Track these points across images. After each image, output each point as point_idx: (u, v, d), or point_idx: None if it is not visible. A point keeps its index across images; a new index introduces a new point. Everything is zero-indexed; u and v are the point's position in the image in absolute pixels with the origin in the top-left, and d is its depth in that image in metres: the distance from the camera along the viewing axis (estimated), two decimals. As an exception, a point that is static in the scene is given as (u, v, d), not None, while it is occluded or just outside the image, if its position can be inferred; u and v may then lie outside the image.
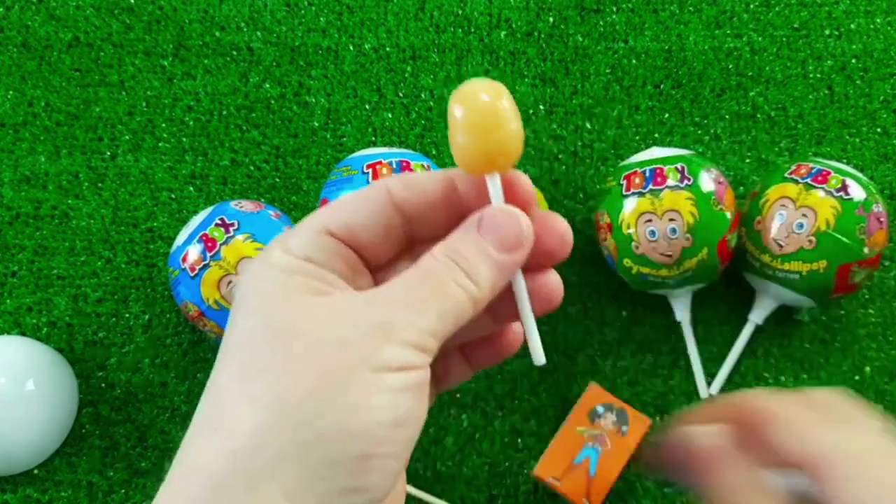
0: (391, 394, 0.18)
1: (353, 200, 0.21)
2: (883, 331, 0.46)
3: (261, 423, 0.17)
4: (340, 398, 0.17)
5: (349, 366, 0.18)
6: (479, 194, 0.22)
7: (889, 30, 0.53)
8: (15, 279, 0.47)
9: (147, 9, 0.53)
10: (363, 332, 0.18)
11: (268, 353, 0.18)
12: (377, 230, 0.21)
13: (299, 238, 0.20)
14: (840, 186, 0.40)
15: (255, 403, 0.17)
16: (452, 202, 0.22)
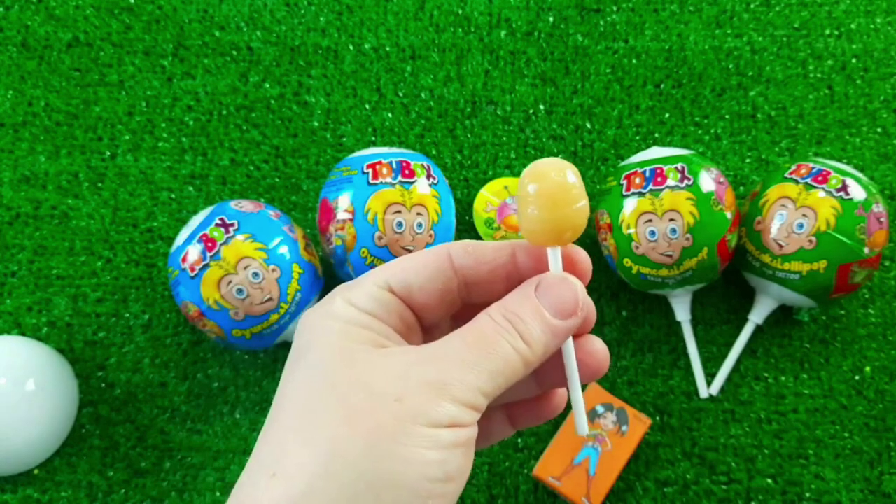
0: (441, 450, 0.18)
1: (415, 261, 0.22)
2: (883, 331, 0.46)
3: (317, 471, 0.18)
4: (393, 451, 0.18)
5: (403, 420, 0.18)
6: (537, 265, 0.22)
7: (889, 29, 0.53)
8: (15, 279, 0.47)
9: (147, 8, 0.53)
10: (418, 388, 0.19)
11: (327, 402, 0.19)
12: (434, 293, 0.22)
13: (362, 292, 0.21)
14: (840, 186, 0.40)
15: (312, 452, 0.18)
16: (511, 272, 0.23)
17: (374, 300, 0.21)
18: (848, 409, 0.45)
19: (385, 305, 0.21)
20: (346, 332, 0.20)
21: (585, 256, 0.23)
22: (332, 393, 0.19)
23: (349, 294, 0.21)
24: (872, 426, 0.44)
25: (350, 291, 0.21)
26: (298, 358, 0.20)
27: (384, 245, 0.40)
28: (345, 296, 0.21)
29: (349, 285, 0.22)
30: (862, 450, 0.44)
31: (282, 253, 0.39)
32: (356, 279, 0.22)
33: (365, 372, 0.19)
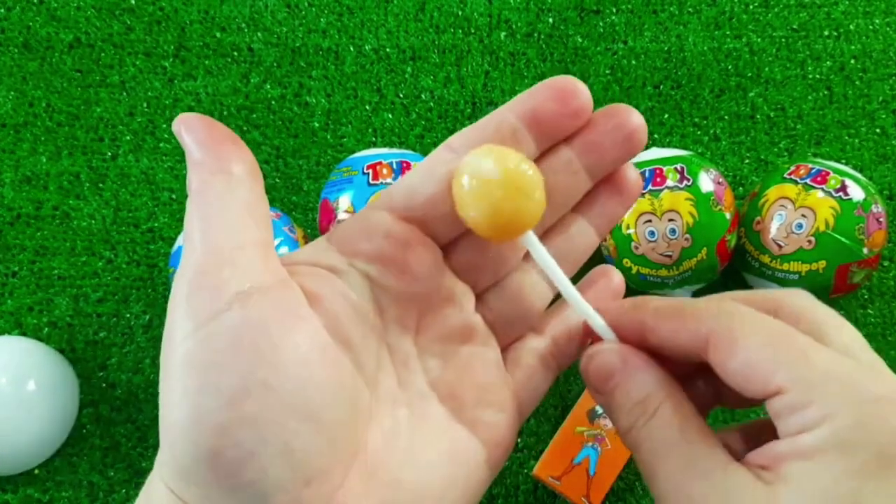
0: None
1: (411, 173, 0.20)
2: (882, 331, 0.46)
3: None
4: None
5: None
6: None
7: (888, 30, 0.53)
8: (16, 279, 0.47)
9: (148, 10, 0.53)
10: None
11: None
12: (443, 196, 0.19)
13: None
14: (839, 187, 0.41)
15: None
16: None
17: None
18: (847, 409, 0.45)
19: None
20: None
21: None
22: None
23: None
24: (871, 426, 0.45)
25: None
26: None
27: (384, 245, 0.40)
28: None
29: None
30: (861, 450, 0.44)
31: (282, 253, 0.40)
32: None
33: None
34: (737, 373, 0.18)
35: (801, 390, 0.17)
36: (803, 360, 0.17)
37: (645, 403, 0.19)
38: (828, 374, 0.17)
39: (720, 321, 0.18)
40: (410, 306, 0.20)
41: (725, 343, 0.18)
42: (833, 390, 0.17)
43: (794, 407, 0.17)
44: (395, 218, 0.20)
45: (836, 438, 0.16)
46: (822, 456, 0.17)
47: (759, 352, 0.17)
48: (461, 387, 0.21)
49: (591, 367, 0.21)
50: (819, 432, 0.17)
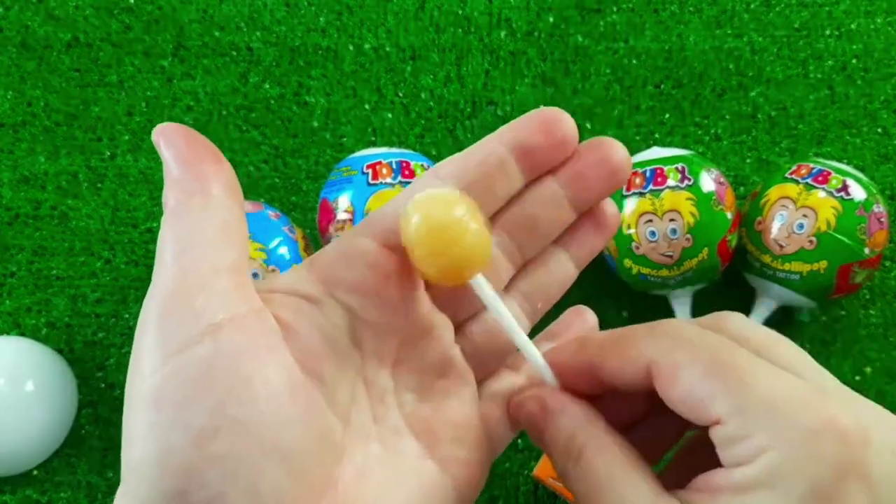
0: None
1: (402, 198, 0.20)
2: (884, 331, 0.46)
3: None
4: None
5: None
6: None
7: (889, 30, 0.53)
8: (14, 280, 0.47)
9: (146, 9, 0.52)
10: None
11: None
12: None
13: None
14: (841, 187, 0.40)
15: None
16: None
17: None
18: (848, 409, 0.45)
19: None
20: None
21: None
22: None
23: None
24: (873, 427, 0.44)
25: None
26: None
27: (384, 245, 0.40)
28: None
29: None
30: (862, 450, 0.44)
31: (281, 253, 0.39)
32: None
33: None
34: (679, 402, 0.18)
35: (738, 422, 0.17)
36: (742, 389, 0.17)
37: (568, 447, 0.19)
38: (766, 404, 0.17)
39: (661, 349, 0.18)
40: (389, 338, 0.20)
41: (666, 373, 0.18)
42: (770, 421, 0.16)
43: (733, 438, 0.17)
44: (378, 245, 0.19)
45: (770, 473, 0.16)
46: (756, 492, 0.16)
47: (699, 382, 0.17)
48: (436, 423, 0.20)
49: (521, 416, 0.21)
50: (754, 466, 0.16)
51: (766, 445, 0.16)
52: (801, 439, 0.16)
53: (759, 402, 0.17)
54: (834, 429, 0.17)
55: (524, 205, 0.21)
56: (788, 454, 0.16)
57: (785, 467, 0.16)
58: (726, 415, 0.17)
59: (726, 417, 0.17)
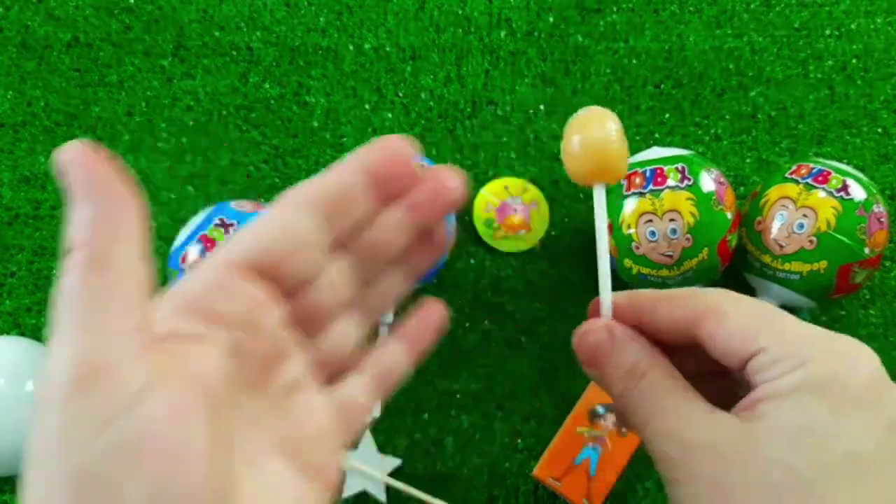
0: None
1: (260, 223, 0.21)
2: (884, 331, 0.46)
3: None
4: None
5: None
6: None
7: (889, 30, 0.53)
8: (14, 279, 0.47)
9: (146, 8, 0.52)
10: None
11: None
12: (292, 243, 0.21)
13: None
14: (841, 186, 0.40)
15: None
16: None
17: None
18: (848, 409, 0.45)
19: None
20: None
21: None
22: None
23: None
24: (873, 427, 0.44)
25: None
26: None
27: (384, 245, 0.40)
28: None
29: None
30: (862, 450, 0.44)
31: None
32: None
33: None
34: (724, 339, 0.21)
35: (780, 346, 0.20)
36: (782, 324, 0.21)
37: (634, 369, 0.23)
38: (804, 335, 0.21)
39: (708, 299, 0.22)
40: (258, 365, 0.20)
41: (714, 315, 0.22)
42: (808, 345, 0.20)
43: (774, 360, 0.20)
44: (246, 274, 0.20)
45: (811, 381, 0.20)
46: (797, 395, 0.20)
47: (745, 319, 0.21)
48: (298, 437, 0.21)
49: (583, 343, 0.24)
50: (795, 374, 0.20)
51: (805, 360, 0.20)
52: (837, 357, 0.20)
53: (798, 335, 0.21)
54: (862, 352, 0.20)
55: (371, 230, 0.22)
56: (827, 367, 0.20)
57: (825, 377, 0.19)
58: (770, 341, 0.20)
59: (770, 344, 0.20)
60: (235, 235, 0.20)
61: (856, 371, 0.20)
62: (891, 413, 0.20)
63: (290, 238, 0.20)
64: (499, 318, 0.47)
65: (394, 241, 0.23)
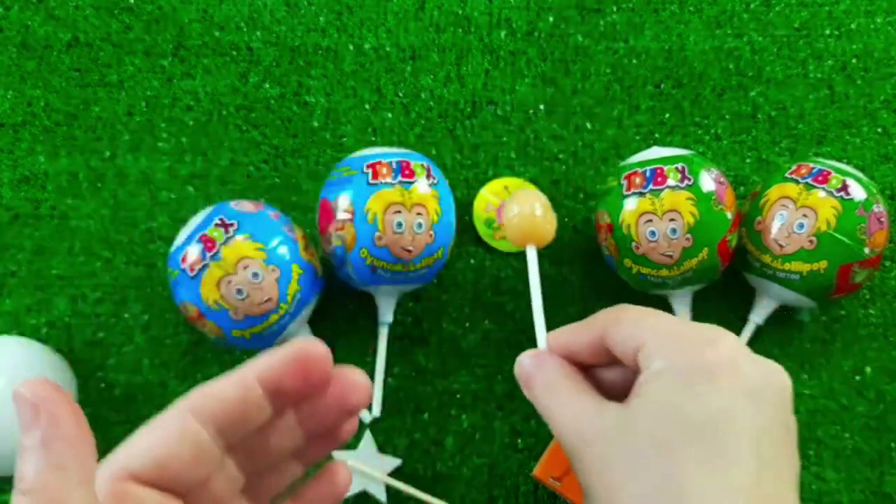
0: None
1: (152, 431, 0.21)
2: (884, 331, 0.46)
3: None
4: None
5: None
6: (294, 382, 0.22)
7: (889, 29, 0.53)
8: (14, 279, 0.47)
9: (146, 8, 0.52)
10: None
11: None
12: (188, 463, 0.21)
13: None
14: (841, 186, 0.40)
15: None
16: (274, 401, 0.22)
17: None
18: (848, 409, 0.45)
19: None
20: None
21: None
22: None
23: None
24: (873, 426, 0.44)
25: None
26: None
27: (384, 245, 0.40)
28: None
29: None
30: (863, 450, 0.44)
31: (281, 253, 0.39)
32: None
33: None
34: (620, 341, 0.27)
35: (655, 340, 0.26)
36: (660, 323, 0.27)
37: (547, 384, 0.29)
38: (675, 329, 0.26)
39: (610, 315, 0.28)
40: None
41: (613, 324, 0.27)
42: (677, 336, 0.26)
43: (651, 352, 0.26)
44: (142, 483, 0.20)
45: (673, 364, 0.25)
46: (662, 376, 0.25)
47: (632, 322, 0.27)
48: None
49: (516, 370, 0.30)
50: (662, 361, 0.25)
51: (673, 348, 0.25)
52: (697, 343, 0.25)
53: (670, 330, 0.26)
54: (721, 336, 0.26)
55: (265, 436, 0.23)
56: (687, 352, 0.25)
57: (684, 359, 0.25)
58: (647, 339, 0.26)
59: (647, 341, 0.26)
60: (129, 441, 0.21)
61: (713, 352, 0.25)
62: (746, 383, 0.24)
63: (186, 453, 0.21)
64: (499, 318, 0.47)
65: (289, 445, 0.24)
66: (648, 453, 0.24)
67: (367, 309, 0.46)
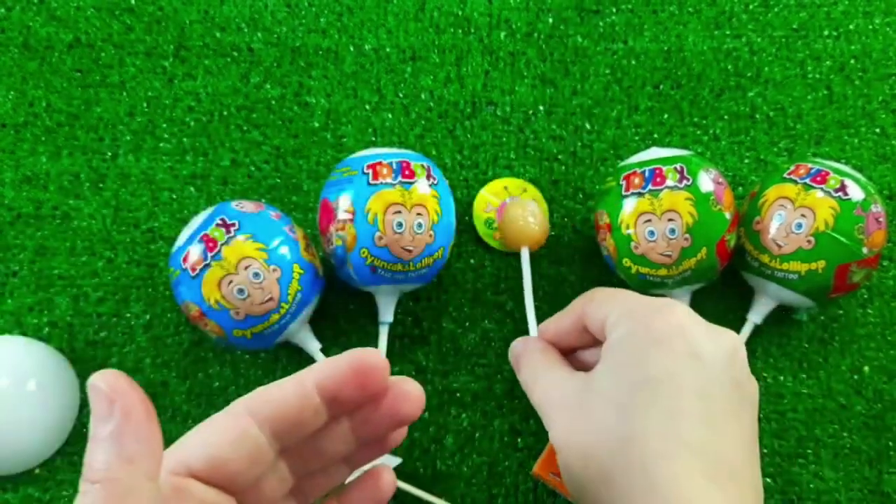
0: None
1: (211, 429, 0.21)
2: (882, 330, 0.46)
3: None
4: None
5: None
6: (347, 390, 0.22)
7: (887, 30, 0.53)
8: (16, 279, 0.47)
9: (148, 9, 0.53)
10: None
11: None
12: (243, 462, 0.21)
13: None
14: (839, 187, 0.41)
15: None
16: (331, 408, 0.23)
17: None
18: (847, 408, 0.45)
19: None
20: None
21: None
22: None
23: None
24: (871, 426, 0.45)
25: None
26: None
27: (384, 245, 0.40)
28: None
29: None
30: (861, 449, 0.44)
31: (282, 253, 0.40)
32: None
33: None
34: (592, 316, 0.31)
35: (618, 313, 0.29)
36: (623, 298, 0.31)
37: (531, 362, 0.33)
38: (635, 302, 0.30)
39: (586, 296, 0.33)
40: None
41: (587, 302, 0.32)
42: (636, 307, 0.29)
43: (614, 322, 0.29)
44: (201, 484, 0.21)
45: (630, 331, 0.28)
46: (620, 343, 0.28)
47: (601, 299, 0.31)
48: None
49: (510, 353, 0.36)
50: (621, 329, 0.29)
51: (631, 318, 0.29)
52: (650, 312, 0.29)
53: (631, 302, 0.30)
54: (673, 306, 0.29)
55: (318, 440, 0.24)
56: (642, 320, 0.28)
57: (639, 327, 0.28)
58: (611, 311, 0.30)
59: (611, 313, 0.30)
60: (187, 437, 0.21)
61: (664, 320, 0.28)
62: (692, 345, 0.27)
63: (243, 453, 0.21)
64: (499, 318, 0.47)
65: (340, 450, 0.24)
66: (605, 415, 0.27)
67: (368, 309, 0.46)
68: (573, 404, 0.28)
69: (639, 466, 0.25)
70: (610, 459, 0.26)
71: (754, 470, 0.26)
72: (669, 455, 0.24)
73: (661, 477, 0.24)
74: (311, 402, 0.22)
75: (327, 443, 0.24)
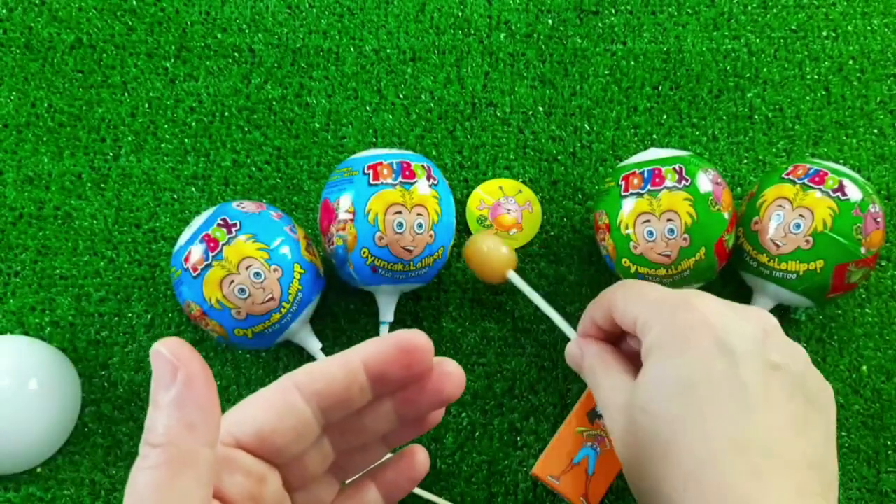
0: None
1: (258, 402, 0.22)
2: (880, 330, 0.47)
3: None
4: None
5: None
6: (397, 370, 0.23)
7: (886, 31, 0.53)
8: (18, 279, 0.47)
9: (149, 11, 0.53)
10: None
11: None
12: (289, 434, 0.22)
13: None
14: (837, 187, 0.41)
15: None
16: (376, 387, 0.23)
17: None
18: (845, 408, 0.45)
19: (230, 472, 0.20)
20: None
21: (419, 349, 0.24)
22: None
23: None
24: (870, 425, 0.45)
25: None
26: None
27: (385, 245, 0.40)
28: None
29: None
30: (859, 448, 0.44)
31: (283, 253, 0.40)
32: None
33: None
34: (620, 314, 0.33)
35: (644, 312, 0.31)
36: (646, 293, 0.32)
37: (591, 363, 0.35)
38: (658, 300, 0.31)
39: (608, 294, 0.35)
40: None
41: (613, 303, 0.33)
42: (658, 310, 0.30)
43: (644, 325, 0.31)
44: (248, 455, 0.21)
45: (658, 340, 0.30)
46: (651, 352, 0.30)
47: (626, 296, 0.33)
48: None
49: (566, 358, 0.38)
50: (651, 337, 0.30)
51: (656, 326, 0.30)
52: (670, 318, 0.30)
53: (654, 300, 0.31)
54: (684, 302, 0.30)
55: (362, 418, 0.24)
56: (668, 327, 0.30)
57: (664, 335, 0.29)
58: (638, 310, 0.31)
59: (638, 312, 0.31)
60: (236, 409, 0.22)
61: (689, 317, 0.29)
62: (721, 341, 0.27)
63: (289, 427, 0.22)
64: (499, 318, 0.47)
65: (382, 429, 0.25)
66: (649, 428, 0.28)
67: (368, 308, 0.46)
68: (626, 418, 0.30)
69: (682, 478, 0.25)
70: (662, 471, 0.26)
71: (808, 448, 0.26)
72: (713, 460, 0.25)
73: (707, 484, 0.25)
74: (358, 380, 0.22)
75: (370, 421, 0.24)
